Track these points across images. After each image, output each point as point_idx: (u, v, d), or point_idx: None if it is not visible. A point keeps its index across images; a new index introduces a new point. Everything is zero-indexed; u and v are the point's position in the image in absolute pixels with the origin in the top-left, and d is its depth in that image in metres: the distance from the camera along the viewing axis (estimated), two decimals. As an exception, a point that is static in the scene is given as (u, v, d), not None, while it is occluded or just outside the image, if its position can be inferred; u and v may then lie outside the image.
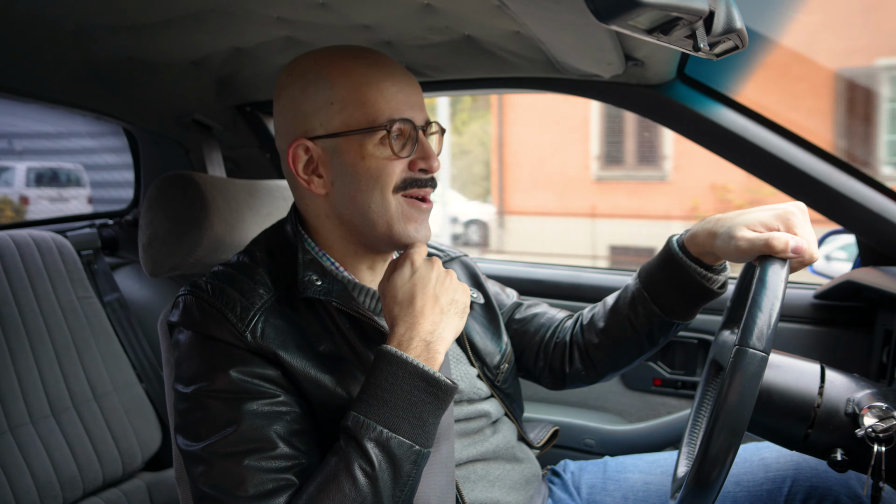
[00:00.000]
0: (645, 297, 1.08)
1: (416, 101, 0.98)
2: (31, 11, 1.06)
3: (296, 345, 0.92)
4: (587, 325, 1.20)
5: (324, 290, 0.95)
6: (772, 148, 1.39)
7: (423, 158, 0.97)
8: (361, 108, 0.94)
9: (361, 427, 0.81)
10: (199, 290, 0.94)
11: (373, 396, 0.83)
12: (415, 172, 0.97)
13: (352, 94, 0.94)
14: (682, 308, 1.06)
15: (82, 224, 2.10)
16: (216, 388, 0.87)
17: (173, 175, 1.21)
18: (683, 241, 1.04)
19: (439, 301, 0.91)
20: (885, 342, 1.40)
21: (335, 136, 0.95)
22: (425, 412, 0.84)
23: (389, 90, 0.95)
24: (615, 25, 0.67)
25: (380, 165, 0.95)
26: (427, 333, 0.87)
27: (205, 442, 0.85)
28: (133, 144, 2.06)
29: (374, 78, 0.95)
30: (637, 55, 1.24)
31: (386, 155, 0.94)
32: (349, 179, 0.96)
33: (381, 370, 0.84)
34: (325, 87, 0.95)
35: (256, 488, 0.81)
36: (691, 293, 1.04)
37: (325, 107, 0.95)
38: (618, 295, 1.16)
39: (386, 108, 0.94)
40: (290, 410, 0.89)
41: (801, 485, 1.04)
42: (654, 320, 1.08)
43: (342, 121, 0.95)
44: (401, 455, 0.81)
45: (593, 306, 1.22)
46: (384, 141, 0.94)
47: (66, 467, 1.61)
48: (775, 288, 0.78)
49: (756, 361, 0.74)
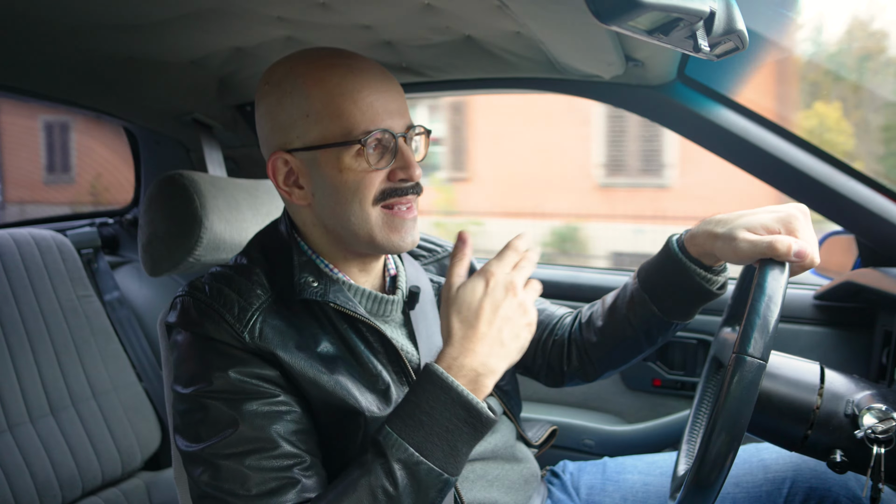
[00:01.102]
0: (644, 298, 1.06)
1: (396, 108, 0.94)
2: (31, 10, 1.06)
3: (294, 345, 0.92)
4: (586, 323, 1.18)
5: (320, 292, 0.95)
6: (772, 149, 1.39)
7: (403, 168, 0.94)
8: (336, 120, 0.91)
9: (393, 446, 0.79)
10: (196, 291, 0.94)
11: (410, 416, 0.81)
12: (395, 182, 0.94)
13: (326, 106, 0.91)
14: (681, 309, 1.05)
15: (82, 223, 2.10)
16: (215, 388, 0.86)
17: (173, 174, 1.21)
18: (683, 241, 1.01)
19: (503, 332, 0.85)
20: (884, 343, 1.40)
21: (312, 150, 0.93)
22: (461, 441, 0.81)
23: (365, 100, 0.91)
24: (615, 26, 0.67)
25: (357, 178, 0.92)
26: (480, 364, 0.83)
27: (205, 443, 0.85)
28: (133, 143, 2.06)
29: (349, 88, 0.91)
30: (637, 56, 1.24)
31: (363, 167, 0.92)
32: (328, 192, 0.94)
33: (425, 391, 0.81)
34: (301, 98, 0.92)
35: (259, 487, 0.81)
36: (690, 294, 1.02)
37: (301, 119, 0.92)
38: (616, 294, 1.14)
39: (361, 120, 0.91)
40: (289, 410, 0.89)
41: (800, 486, 1.04)
42: (653, 320, 1.06)
43: (318, 134, 0.92)
44: (428, 482, 0.79)
45: (592, 304, 1.21)
46: (361, 153, 0.91)
47: (66, 466, 1.61)
48: (774, 294, 0.78)
49: (753, 369, 0.74)
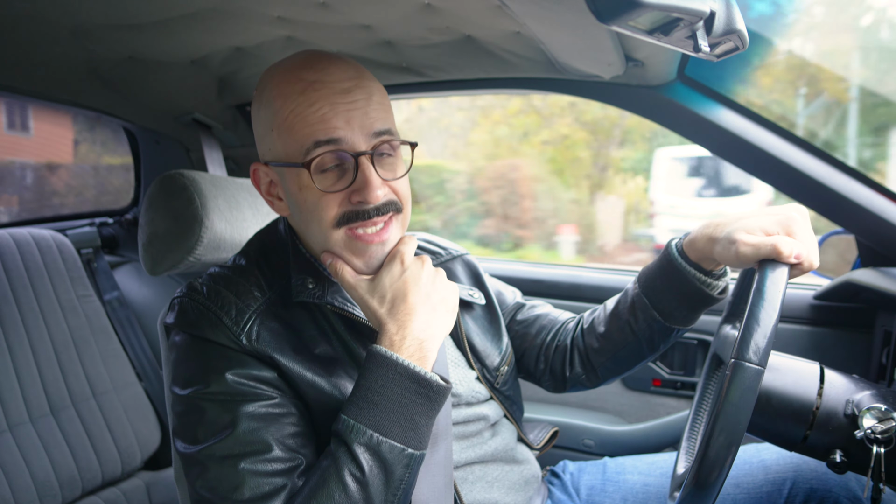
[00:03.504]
0: (645, 303, 1.06)
1: (359, 123, 0.88)
2: (31, 10, 1.06)
3: (291, 347, 0.92)
4: (588, 328, 1.19)
5: (318, 294, 0.95)
6: (772, 149, 1.39)
7: (359, 190, 0.88)
8: (291, 137, 0.88)
9: (351, 431, 0.81)
10: (194, 293, 0.94)
11: (363, 399, 0.82)
12: (354, 205, 0.89)
13: (285, 121, 0.89)
14: (682, 314, 1.05)
15: (82, 222, 2.10)
16: (212, 390, 0.86)
17: (174, 173, 1.21)
18: (682, 246, 1.02)
19: (430, 299, 0.89)
20: (884, 343, 1.40)
21: (278, 165, 0.93)
22: (417, 414, 0.83)
23: (316, 115, 0.87)
24: (616, 26, 0.67)
25: (314, 199, 0.89)
26: (419, 331, 0.86)
27: (201, 445, 0.85)
28: (133, 143, 2.06)
29: (305, 104, 0.87)
30: (637, 56, 1.24)
31: (321, 187, 0.88)
32: (294, 208, 0.94)
33: (372, 371, 0.83)
34: (269, 111, 0.91)
35: (252, 491, 0.81)
36: (690, 299, 1.02)
37: (268, 133, 0.92)
38: (618, 299, 1.14)
39: (311, 139, 0.87)
40: (286, 412, 0.88)
41: (800, 487, 1.04)
42: (655, 326, 1.07)
43: (281, 150, 0.91)
44: (392, 459, 0.80)
45: (594, 309, 1.21)
46: (311, 175, 0.87)
47: (65, 466, 1.61)
48: (773, 299, 0.78)
49: (752, 375, 0.74)
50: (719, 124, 1.40)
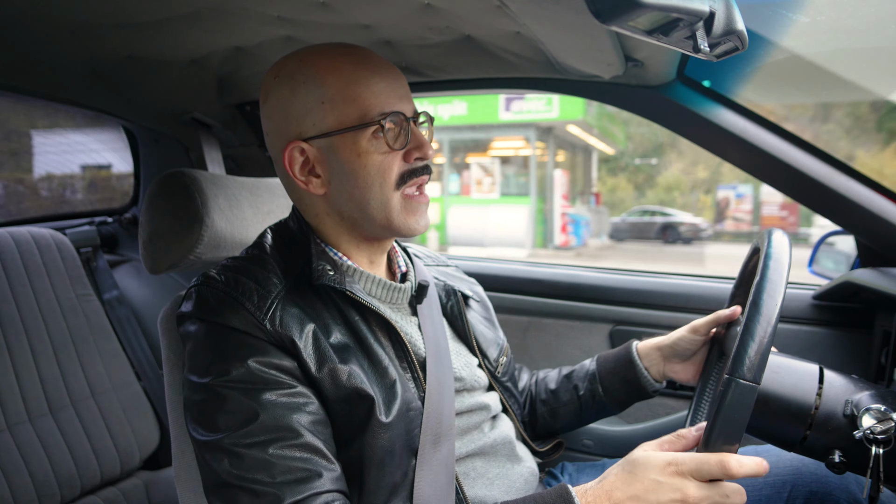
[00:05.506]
0: (594, 376, 1.28)
1: (404, 94, 0.99)
2: (31, 9, 1.06)
3: (311, 333, 0.92)
4: (540, 380, 1.36)
5: (338, 280, 0.96)
6: (771, 149, 1.39)
7: (418, 147, 0.98)
8: (353, 104, 0.94)
9: None
10: (213, 281, 0.94)
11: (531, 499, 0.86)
12: (411, 163, 0.98)
13: (341, 91, 0.94)
14: (619, 396, 1.25)
15: (81, 221, 2.10)
16: (233, 378, 0.86)
17: (174, 172, 1.21)
18: (639, 347, 1.25)
19: None
20: (883, 343, 1.40)
21: (329, 136, 0.95)
22: None
23: (378, 85, 0.96)
24: (615, 26, 0.67)
25: (376, 161, 0.95)
26: None
27: (225, 433, 0.84)
28: (133, 142, 2.06)
29: (362, 74, 0.95)
30: (637, 56, 1.24)
31: (381, 150, 0.95)
32: (347, 177, 0.97)
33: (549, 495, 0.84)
34: (315, 86, 0.95)
35: (285, 475, 0.82)
36: (630, 385, 1.23)
37: (317, 106, 0.95)
38: (574, 368, 1.34)
39: (376, 104, 0.95)
40: (306, 401, 0.88)
41: (800, 490, 1.04)
42: (595, 397, 1.27)
43: (335, 119, 0.95)
44: None
45: (547, 370, 1.38)
46: (377, 135, 0.95)
47: (65, 466, 1.61)
48: (769, 314, 0.77)
49: (746, 392, 0.74)
50: (719, 124, 1.40)
